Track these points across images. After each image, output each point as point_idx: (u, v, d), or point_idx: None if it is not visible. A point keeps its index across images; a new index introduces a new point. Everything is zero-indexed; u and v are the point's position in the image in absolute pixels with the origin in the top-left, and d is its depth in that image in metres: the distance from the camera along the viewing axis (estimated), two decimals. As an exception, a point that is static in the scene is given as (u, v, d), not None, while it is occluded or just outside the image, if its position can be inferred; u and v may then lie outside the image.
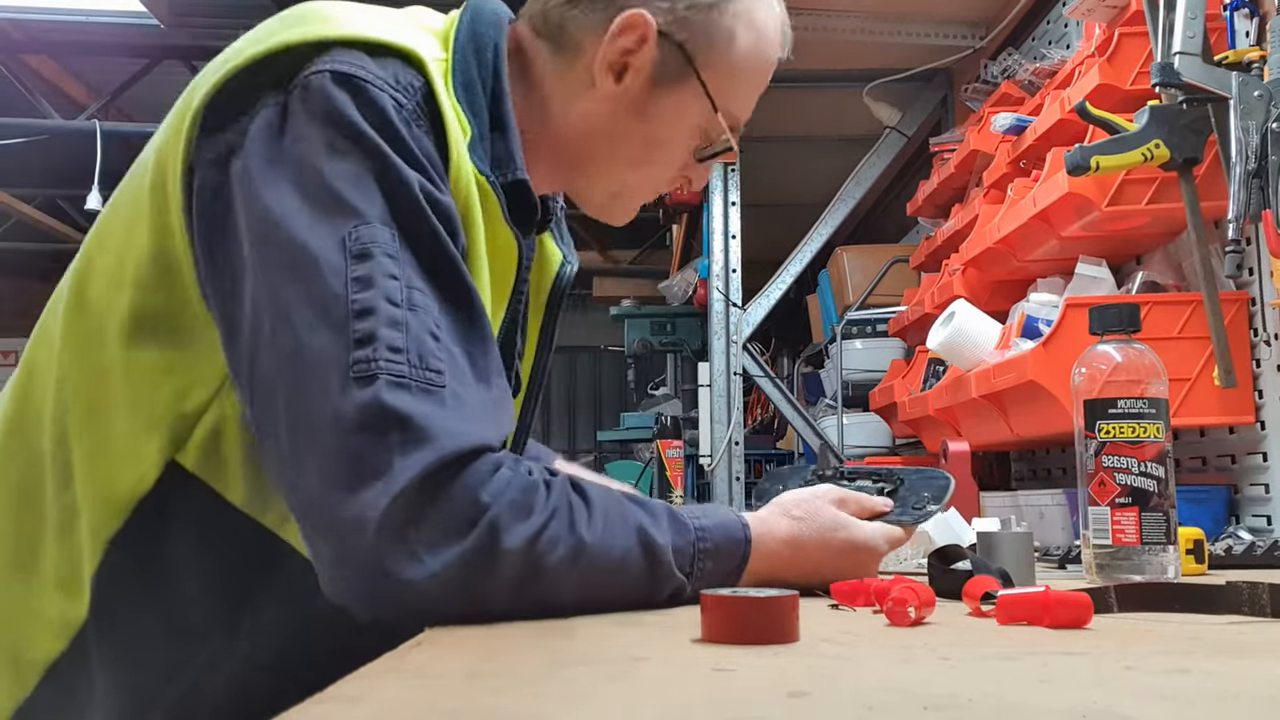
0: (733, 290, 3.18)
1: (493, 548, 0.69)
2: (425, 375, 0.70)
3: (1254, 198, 1.37)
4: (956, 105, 3.12)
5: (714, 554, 0.80)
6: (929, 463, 2.61)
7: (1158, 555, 0.96)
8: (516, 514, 0.70)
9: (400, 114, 0.76)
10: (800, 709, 0.43)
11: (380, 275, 0.71)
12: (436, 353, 0.71)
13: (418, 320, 0.71)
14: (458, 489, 0.69)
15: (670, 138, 0.94)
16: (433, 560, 0.67)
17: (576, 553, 0.72)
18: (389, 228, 0.73)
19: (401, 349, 0.70)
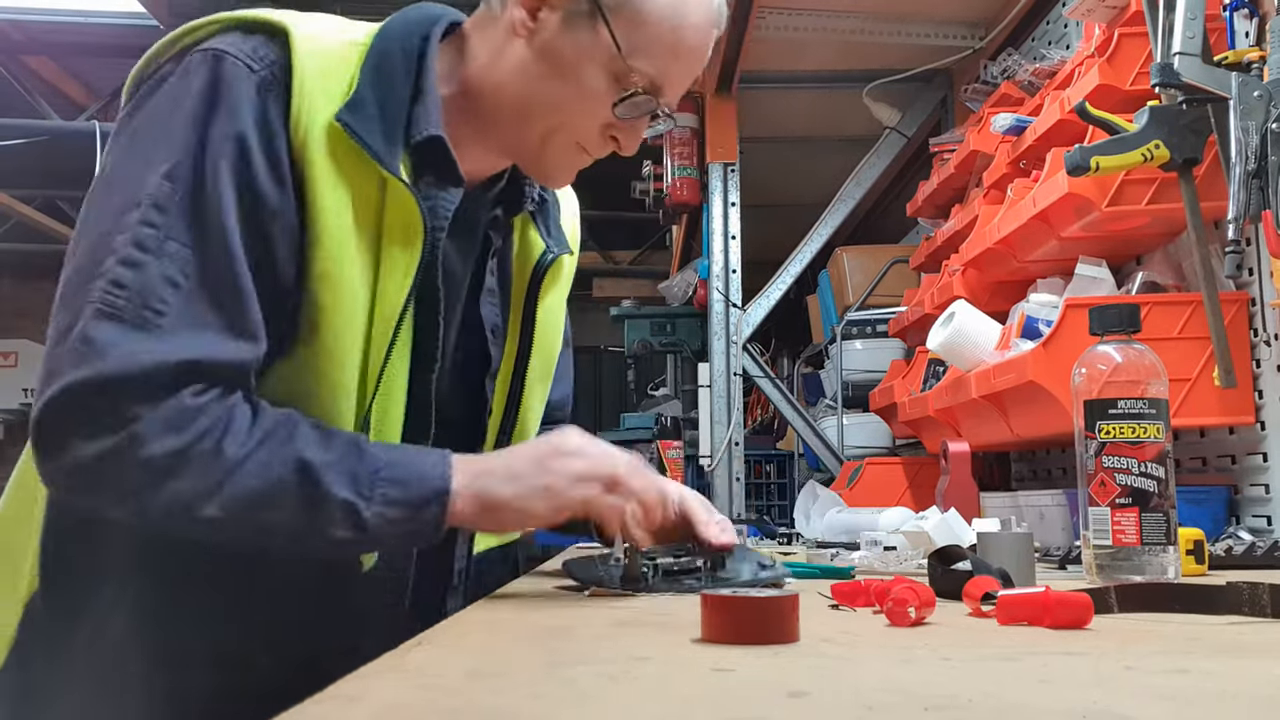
0: (733, 290, 3.18)
1: (130, 453, 0.79)
2: (141, 312, 0.81)
3: (1254, 198, 1.37)
4: (956, 105, 3.12)
5: (399, 482, 0.85)
6: (929, 462, 2.61)
7: (1158, 556, 0.96)
8: (165, 429, 0.80)
9: (246, 79, 0.86)
10: (800, 709, 0.43)
11: (139, 223, 0.82)
12: (166, 296, 0.82)
13: (159, 265, 0.82)
14: (109, 400, 0.79)
15: (584, 81, 0.95)
16: (75, 452, 0.79)
17: (220, 467, 0.81)
18: (172, 182, 0.83)
19: (127, 286, 0.81)
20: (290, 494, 0.82)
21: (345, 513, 0.83)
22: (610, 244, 6.71)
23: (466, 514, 0.88)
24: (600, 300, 6.03)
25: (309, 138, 0.88)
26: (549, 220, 1.13)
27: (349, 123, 0.88)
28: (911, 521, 1.54)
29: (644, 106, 0.97)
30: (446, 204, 0.95)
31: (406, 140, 0.92)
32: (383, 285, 0.91)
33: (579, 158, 1.01)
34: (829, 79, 3.27)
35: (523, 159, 1.02)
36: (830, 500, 2.41)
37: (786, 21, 2.93)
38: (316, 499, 0.83)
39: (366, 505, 0.83)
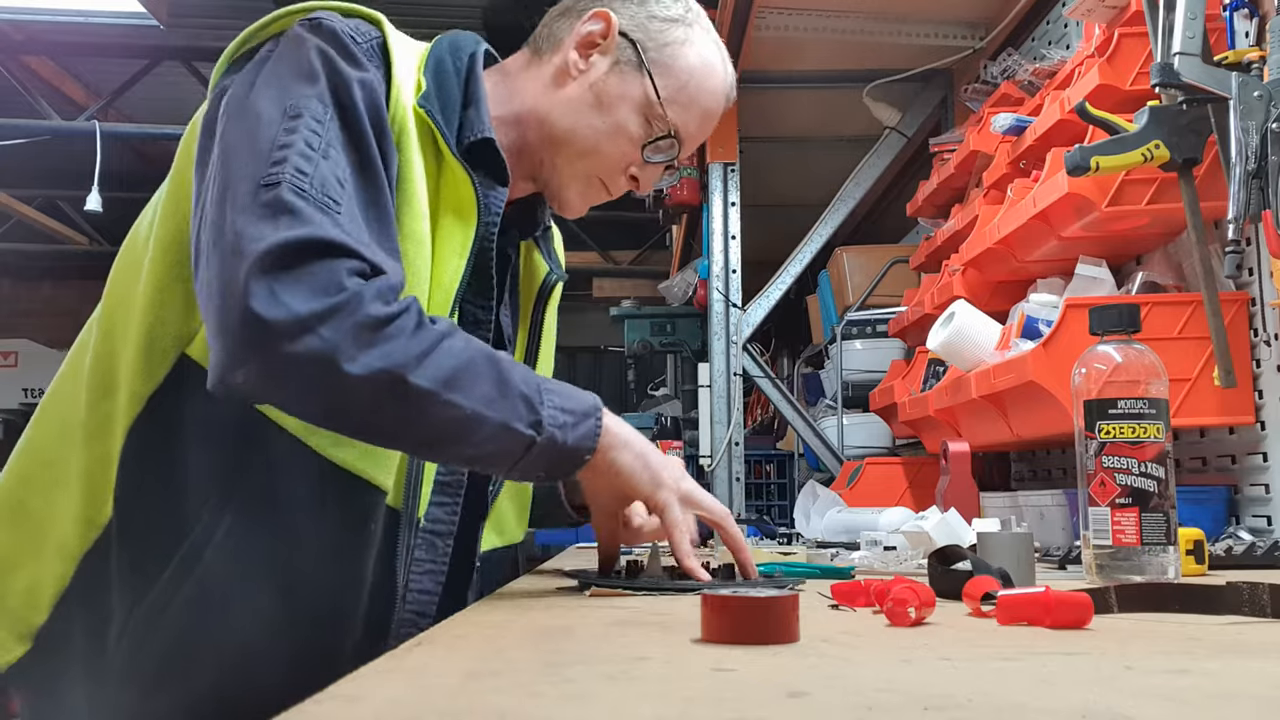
0: (733, 291, 3.18)
1: (350, 313, 0.81)
2: (323, 198, 0.84)
3: (1254, 198, 1.37)
4: (956, 105, 3.12)
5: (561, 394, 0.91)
6: (929, 462, 2.61)
7: (1158, 556, 0.96)
8: (379, 298, 0.82)
9: (354, 44, 0.94)
10: (800, 709, 0.43)
11: (304, 129, 0.87)
12: (336, 192, 0.86)
13: (328, 165, 0.87)
14: (326, 264, 0.81)
15: (623, 120, 1.07)
16: (291, 304, 0.79)
17: (426, 337, 0.84)
18: (323, 104, 0.89)
19: (307, 174, 0.85)
20: (483, 378, 0.86)
21: (526, 406, 0.87)
22: (610, 244, 6.72)
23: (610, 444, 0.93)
24: (600, 300, 6.03)
25: (403, 113, 0.96)
26: (549, 245, 1.23)
27: (429, 108, 0.97)
28: (911, 521, 1.54)
29: (667, 152, 1.10)
30: (497, 200, 1.03)
31: (459, 142, 1.01)
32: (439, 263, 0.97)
33: (598, 193, 1.12)
34: (829, 79, 3.27)
35: (549, 185, 1.11)
36: (830, 500, 2.41)
37: (786, 21, 2.93)
38: (504, 387, 0.86)
39: (542, 406, 0.88)
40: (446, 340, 0.85)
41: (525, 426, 0.87)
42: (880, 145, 3.24)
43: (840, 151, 3.50)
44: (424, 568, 1.01)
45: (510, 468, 0.91)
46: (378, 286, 0.83)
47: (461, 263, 0.99)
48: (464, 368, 0.85)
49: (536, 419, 0.88)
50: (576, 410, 0.91)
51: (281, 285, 0.80)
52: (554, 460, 0.91)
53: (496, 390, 0.86)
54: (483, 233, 1.01)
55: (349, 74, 0.92)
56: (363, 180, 0.90)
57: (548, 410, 0.89)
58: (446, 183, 0.99)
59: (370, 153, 0.91)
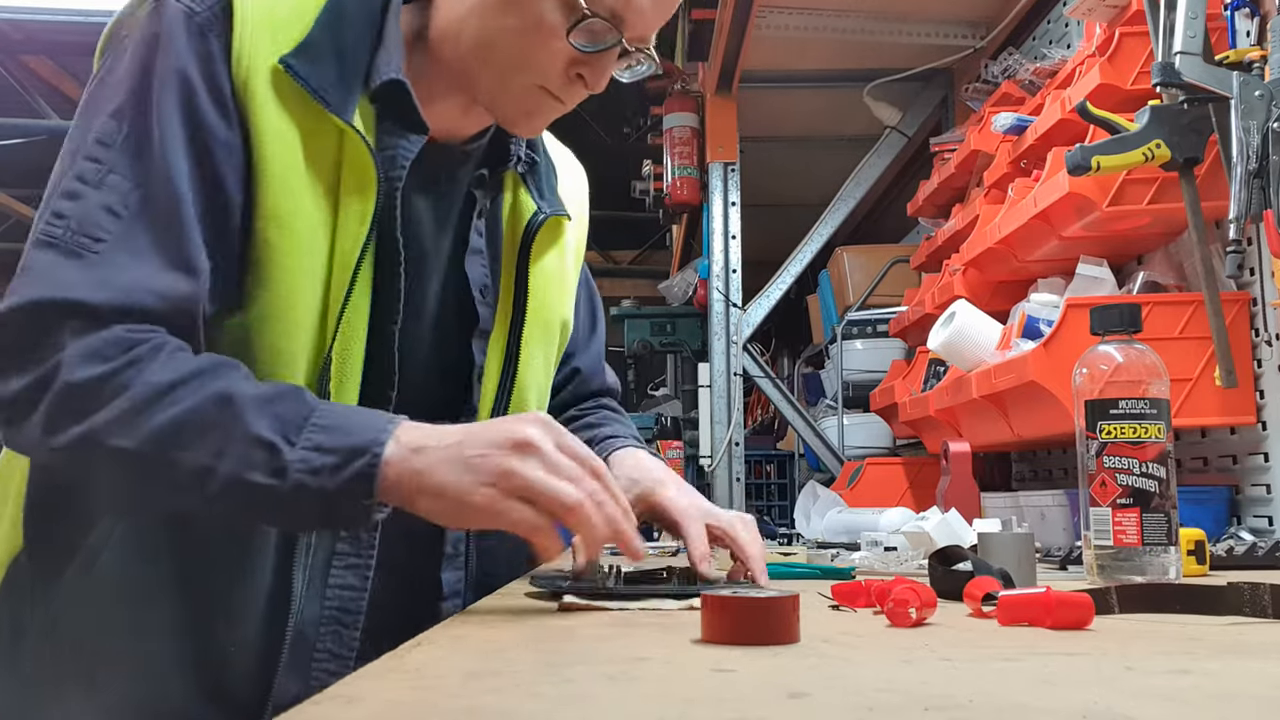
0: (733, 290, 3.18)
1: (54, 381, 0.77)
2: (79, 239, 0.81)
3: (1255, 198, 1.37)
4: (957, 105, 3.12)
5: (331, 429, 0.77)
6: (930, 462, 2.61)
7: (1159, 556, 0.95)
8: (90, 357, 0.78)
9: (190, 22, 0.87)
10: (800, 709, 0.43)
11: (83, 159, 0.83)
12: (106, 225, 0.81)
13: (99, 198, 0.82)
14: (39, 327, 0.78)
15: (537, 11, 0.90)
16: (8, 385, 0.79)
17: (140, 395, 0.77)
18: (118, 121, 0.84)
19: (66, 216, 0.81)
20: (206, 427, 0.77)
21: (265, 452, 0.76)
22: (610, 244, 6.71)
23: (395, 485, 0.77)
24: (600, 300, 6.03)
25: (251, 76, 0.87)
26: (542, 183, 1.11)
27: (293, 65, 0.88)
28: (912, 522, 1.54)
29: (604, 36, 0.92)
30: (406, 151, 0.94)
31: (366, 86, 0.91)
32: (340, 232, 0.90)
33: (545, 102, 0.96)
34: (829, 79, 3.27)
35: (489, 105, 0.98)
36: (831, 500, 2.41)
37: (786, 21, 2.93)
38: (233, 434, 0.76)
39: (290, 448, 0.76)
40: (175, 389, 0.77)
41: (264, 475, 0.75)
42: (880, 145, 3.23)
43: (840, 151, 3.50)
44: (346, 561, 0.93)
45: (286, 522, 0.84)
46: (94, 343, 0.78)
47: (363, 230, 0.90)
48: (185, 419, 0.77)
49: (279, 465, 0.75)
50: (342, 448, 0.76)
51: (3, 358, 0.79)
52: (327, 511, 0.77)
53: (225, 439, 0.76)
54: (385, 189, 0.91)
55: (164, 69, 0.85)
56: (150, 196, 0.83)
57: (300, 452, 0.76)
58: (347, 148, 0.90)
59: (165, 164, 0.84)
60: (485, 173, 1.05)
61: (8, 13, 4.27)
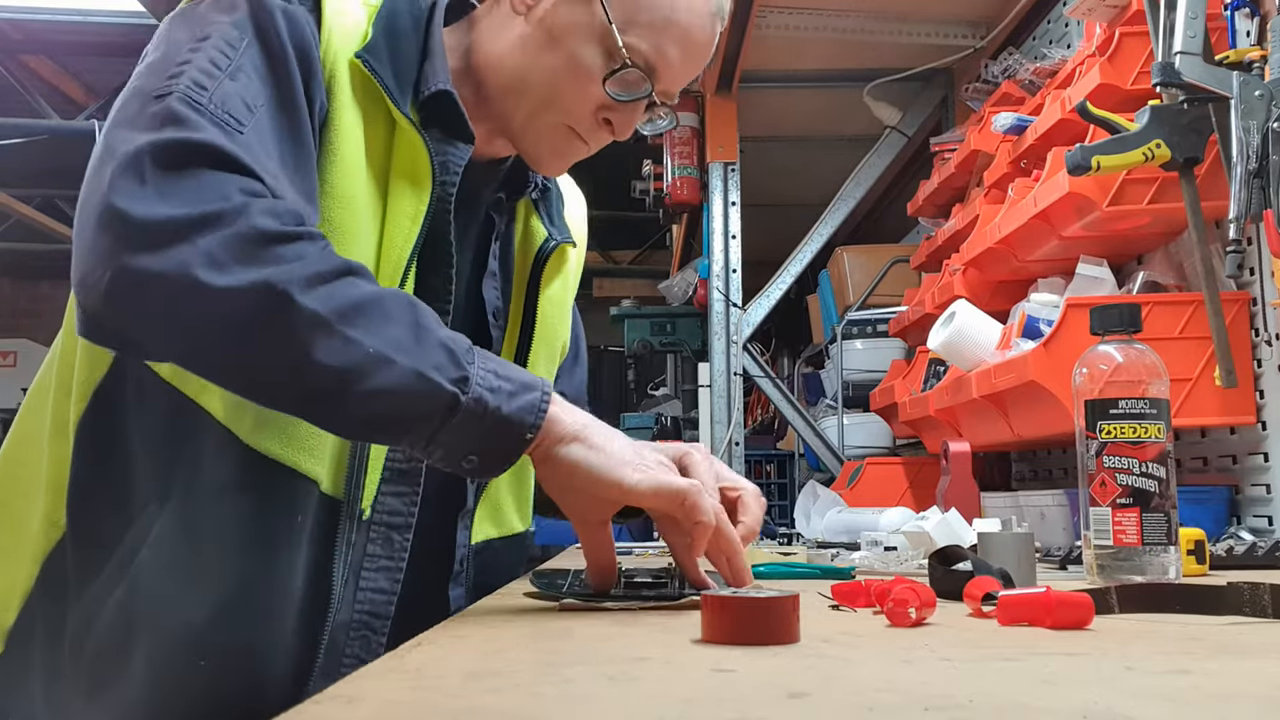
0: (733, 290, 3.18)
1: (231, 222, 0.70)
2: (222, 115, 0.76)
3: (1255, 197, 1.37)
4: (957, 105, 3.12)
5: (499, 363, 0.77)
6: (930, 462, 2.61)
7: (1159, 556, 0.95)
8: (271, 214, 0.72)
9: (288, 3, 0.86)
10: (800, 709, 0.43)
11: (211, 48, 0.79)
12: (242, 115, 0.77)
13: (234, 85, 0.78)
14: (212, 174, 0.72)
15: (576, 54, 0.94)
16: (160, 206, 0.70)
17: (326, 260, 0.73)
18: (239, 30, 0.82)
19: (206, 88, 0.76)
20: (395, 319, 0.74)
21: (449, 359, 0.74)
22: (610, 244, 6.72)
23: (562, 434, 0.78)
24: (600, 300, 6.03)
25: (335, 64, 0.88)
26: (552, 210, 1.13)
27: (369, 61, 0.89)
28: (912, 522, 1.54)
29: (636, 85, 0.95)
30: (456, 158, 0.94)
31: (415, 95, 0.93)
32: (390, 229, 0.89)
33: (571, 143, 0.99)
34: (829, 78, 3.27)
35: (516, 139, 1.01)
36: (831, 500, 2.40)
37: (786, 21, 2.93)
38: (421, 333, 0.74)
39: (469, 361, 0.75)
40: (354, 275, 0.74)
41: (446, 380, 0.73)
42: (880, 145, 3.24)
43: (840, 151, 3.50)
44: (378, 564, 0.90)
45: (427, 439, 0.75)
46: (272, 204, 0.73)
47: (415, 228, 0.90)
48: (371, 302, 0.73)
49: (462, 374, 0.74)
50: (515, 379, 0.77)
51: (152, 184, 0.70)
52: (486, 434, 0.75)
53: (411, 335, 0.74)
54: (439, 193, 0.92)
55: (273, 3, 0.84)
56: (280, 112, 0.81)
57: (478, 370, 0.75)
58: (399, 144, 0.91)
59: (292, 85, 0.83)
60: (503, 196, 1.07)
61: (8, 13, 4.27)
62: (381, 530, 0.91)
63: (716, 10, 0.98)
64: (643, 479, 0.79)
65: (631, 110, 0.98)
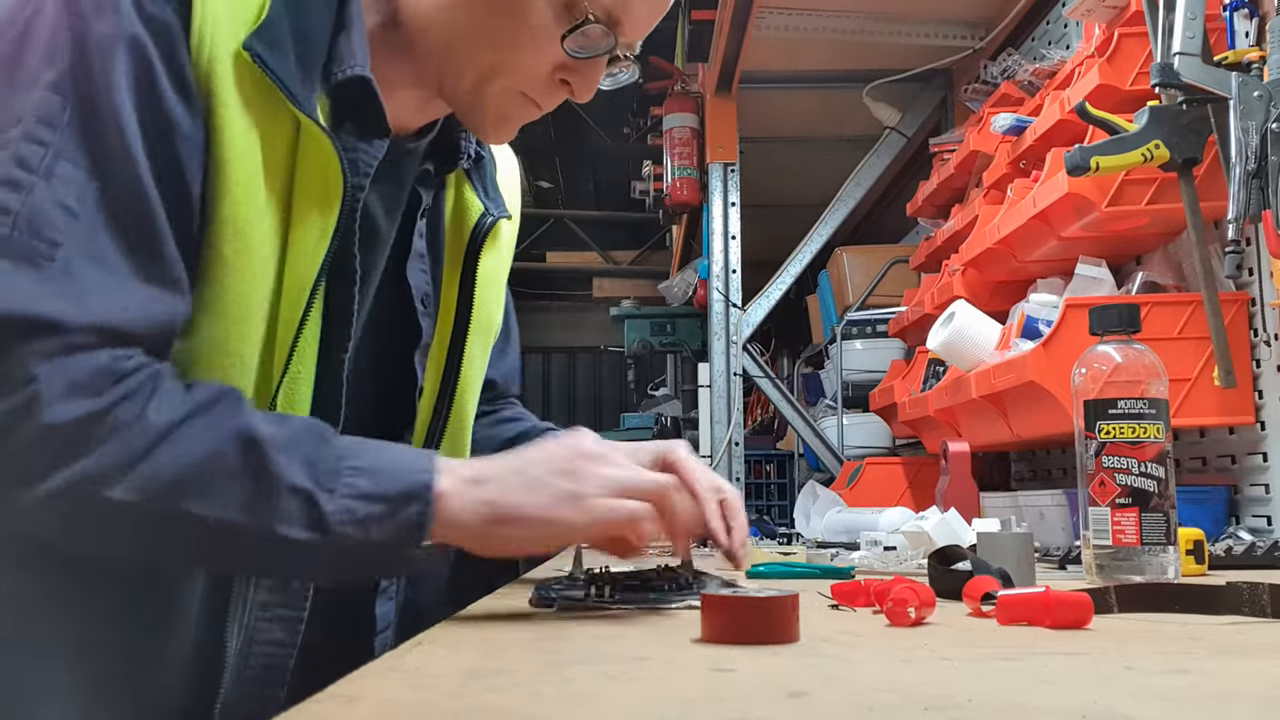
0: (733, 291, 3.18)
1: (28, 420, 0.63)
2: (30, 243, 0.65)
3: (1254, 198, 1.37)
4: (956, 106, 3.12)
5: (372, 473, 0.70)
6: (929, 462, 2.61)
7: (1158, 556, 0.95)
8: (73, 390, 0.64)
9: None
10: (800, 709, 0.43)
11: (23, 141, 0.67)
12: (60, 225, 0.66)
13: (49, 190, 0.67)
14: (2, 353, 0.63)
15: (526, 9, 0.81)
16: None
17: (142, 436, 0.65)
18: (61, 96, 0.68)
19: (11, 211, 0.66)
20: (228, 475, 0.67)
21: (301, 503, 0.67)
22: (610, 244, 6.72)
23: (465, 521, 0.72)
24: (600, 300, 6.03)
25: (214, 62, 0.73)
26: (486, 179, 1.01)
27: (259, 52, 0.74)
28: (911, 521, 1.54)
29: (599, 41, 0.83)
30: (369, 157, 0.83)
31: (326, 78, 0.79)
32: (294, 249, 0.78)
33: (523, 108, 0.87)
34: (829, 79, 3.27)
35: (459, 107, 0.88)
36: (830, 500, 2.40)
37: (786, 21, 2.93)
38: (263, 483, 0.67)
39: (329, 497, 0.68)
40: (182, 428, 0.67)
41: (301, 529, 0.67)
42: (880, 145, 3.23)
43: (840, 151, 3.50)
44: (273, 613, 0.80)
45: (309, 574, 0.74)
46: (77, 374, 0.65)
47: (324, 242, 0.79)
48: (201, 466, 0.66)
49: (317, 516, 0.67)
50: (390, 495, 0.69)
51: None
52: (363, 560, 0.70)
53: (253, 488, 0.67)
54: (349, 202, 0.80)
55: (112, 35, 0.69)
56: (119, 192, 0.69)
57: (340, 501, 0.68)
58: (305, 151, 0.77)
59: (132, 153, 0.69)
60: (431, 168, 0.95)
61: (7, 13, 4.26)
62: None
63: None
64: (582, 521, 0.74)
65: (592, 67, 0.85)
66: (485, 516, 0.72)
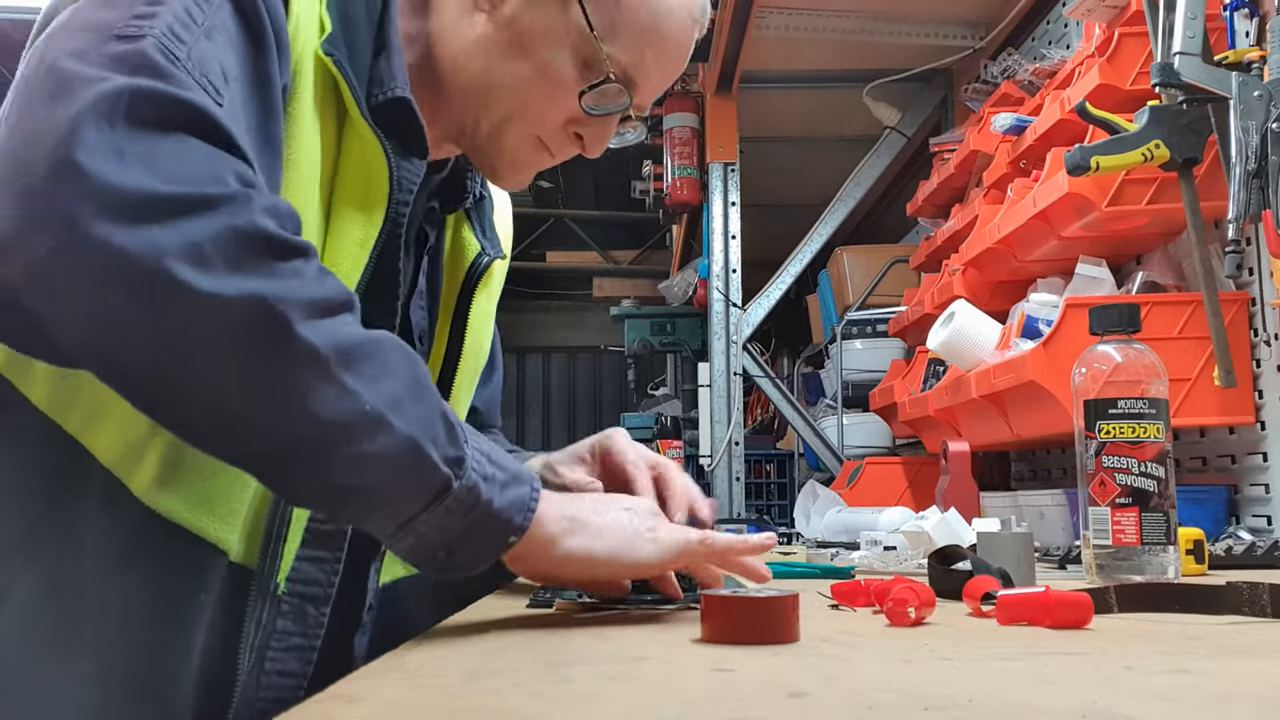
0: (733, 290, 3.18)
1: (231, 214, 0.57)
2: (202, 79, 0.62)
3: (1254, 198, 1.37)
4: (956, 105, 3.12)
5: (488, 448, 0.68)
6: (929, 462, 2.61)
7: (1158, 555, 0.95)
8: (271, 214, 0.60)
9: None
10: (800, 709, 0.43)
11: (181, 5, 0.65)
12: (219, 81, 0.64)
13: (211, 47, 0.64)
14: (203, 146, 0.59)
15: (549, 63, 0.84)
16: (142, 173, 0.56)
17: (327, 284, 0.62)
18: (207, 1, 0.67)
19: (184, 41, 0.62)
20: (395, 372, 0.62)
21: (446, 434, 0.63)
22: (610, 244, 6.71)
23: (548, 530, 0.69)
24: (600, 300, 6.03)
25: (302, 58, 0.74)
26: (484, 219, 1.02)
27: (336, 55, 0.76)
28: (911, 521, 1.54)
29: (614, 99, 0.86)
30: (411, 176, 0.84)
31: (369, 98, 0.79)
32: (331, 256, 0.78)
33: (537, 155, 0.90)
34: (829, 79, 3.27)
35: (474, 150, 0.90)
36: (830, 500, 2.41)
37: (786, 21, 2.93)
38: (422, 394, 0.64)
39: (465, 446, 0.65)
40: (352, 310, 0.63)
41: (441, 459, 0.62)
42: (880, 145, 3.24)
43: (840, 151, 3.50)
44: (288, 643, 0.77)
45: (403, 523, 0.63)
46: (273, 201, 0.61)
47: (364, 254, 0.78)
48: (375, 349, 0.62)
49: (458, 455, 0.63)
50: (508, 468, 0.67)
51: (128, 142, 0.56)
52: (470, 528, 0.65)
53: (412, 394, 0.63)
54: (393, 216, 0.80)
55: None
56: (252, 92, 0.68)
57: (473, 450, 0.65)
58: (350, 153, 0.78)
59: (266, 62, 0.69)
60: (437, 206, 0.96)
61: (8, 13, 4.27)
62: (295, 603, 0.78)
63: (698, 16, 0.89)
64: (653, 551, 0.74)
65: (604, 124, 0.89)
66: (572, 530, 0.71)
